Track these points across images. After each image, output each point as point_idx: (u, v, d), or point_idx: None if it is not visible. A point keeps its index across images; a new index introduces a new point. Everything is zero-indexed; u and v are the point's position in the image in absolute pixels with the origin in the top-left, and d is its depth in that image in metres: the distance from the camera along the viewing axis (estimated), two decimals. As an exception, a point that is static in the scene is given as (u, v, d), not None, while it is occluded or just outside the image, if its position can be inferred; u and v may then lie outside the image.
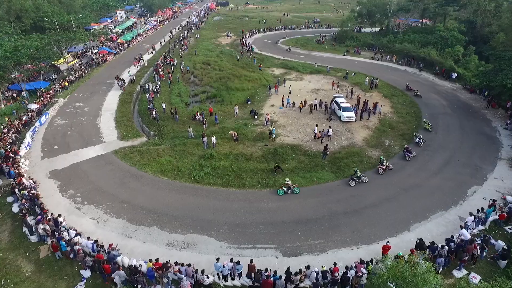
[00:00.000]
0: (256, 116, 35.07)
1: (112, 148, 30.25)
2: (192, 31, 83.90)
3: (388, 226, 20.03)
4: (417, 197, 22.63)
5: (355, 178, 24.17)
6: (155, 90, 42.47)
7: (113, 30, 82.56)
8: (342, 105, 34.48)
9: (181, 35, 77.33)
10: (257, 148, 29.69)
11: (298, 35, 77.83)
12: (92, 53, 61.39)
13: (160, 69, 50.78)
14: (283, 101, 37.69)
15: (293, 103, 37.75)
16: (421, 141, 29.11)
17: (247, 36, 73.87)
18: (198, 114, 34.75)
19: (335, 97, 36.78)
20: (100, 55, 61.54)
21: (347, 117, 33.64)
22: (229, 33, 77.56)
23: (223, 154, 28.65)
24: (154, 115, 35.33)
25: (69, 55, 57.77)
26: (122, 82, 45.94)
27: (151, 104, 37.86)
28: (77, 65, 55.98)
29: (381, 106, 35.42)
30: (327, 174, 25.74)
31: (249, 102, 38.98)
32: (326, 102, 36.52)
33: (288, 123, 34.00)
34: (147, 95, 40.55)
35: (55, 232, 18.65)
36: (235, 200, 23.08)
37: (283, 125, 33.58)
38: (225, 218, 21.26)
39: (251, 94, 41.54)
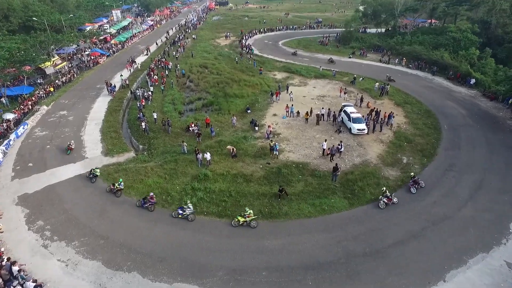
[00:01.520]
0: (256, 128, 31.28)
1: (94, 165, 26.42)
2: (189, 31, 79.88)
3: (419, 274, 16.30)
4: (448, 233, 18.88)
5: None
6: (147, 96, 38.60)
7: (107, 31, 78.62)
8: (352, 115, 30.70)
9: (177, 35, 73.34)
10: (258, 166, 25.93)
11: (300, 35, 73.90)
12: (83, 55, 57.47)
13: (153, 73, 46.90)
14: (286, 110, 33.87)
15: (298, 113, 33.96)
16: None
17: (246, 37, 69.99)
18: (192, 126, 30.94)
19: (344, 106, 33.00)
20: (92, 57, 57.65)
21: (359, 129, 29.86)
22: (228, 33, 73.64)
23: (220, 174, 24.91)
24: (144, 127, 31.50)
25: (58, 57, 53.83)
26: (112, 87, 42.08)
27: (141, 113, 34.02)
28: (66, 68, 52.12)
29: (394, 116, 31.56)
30: (339, 201, 21.98)
31: (249, 111, 35.18)
32: (334, 112, 32.70)
33: (292, 136, 30.22)
34: (137, 103, 36.70)
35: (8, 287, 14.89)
36: (232, 235, 19.33)
37: (287, 139, 29.80)
38: (220, 260, 17.52)
39: (251, 102, 37.72)
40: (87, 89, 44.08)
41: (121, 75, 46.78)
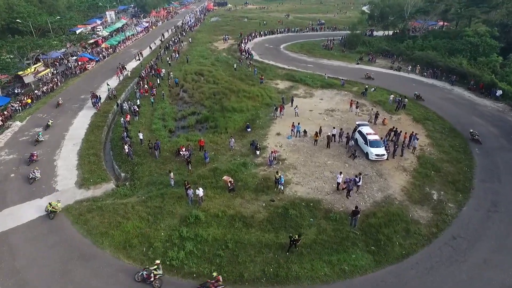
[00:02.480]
0: (258, 152, 26.61)
1: (65, 201, 21.85)
2: (184, 34, 74.95)
3: None
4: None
5: None
6: (133, 110, 33.82)
7: (99, 33, 73.72)
8: (369, 138, 26.05)
9: (173, 38, 68.49)
10: (260, 204, 21.31)
11: (302, 38, 69.10)
12: (69, 60, 52.65)
13: (142, 83, 42.15)
14: (292, 129, 29.21)
15: (305, 132, 29.32)
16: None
17: (246, 40, 65.20)
18: (183, 150, 26.25)
19: (359, 125, 28.33)
20: (79, 63, 52.87)
21: (377, 155, 25.23)
22: (226, 36, 68.82)
23: (214, 215, 20.33)
24: (127, 150, 26.79)
25: (41, 63, 49.04)
26: (97, 99, 37.37)
27: (125, 132, 29.31)
28: (49, 75, 47.36)
29: (417, 138, 26.91)
30: (362, 256, 17.38)
31: (249, 130, 30.49)
32: (348, 134, 28.02)
33: (300, 163, 25.57)
34: (122, 119, 31.98)
35: None
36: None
37: (293, 166, 25.15)
38: None
39: (251, 118, 33.02)
40: (70, 100, 39.36)
41: (108, 85, 42.07)
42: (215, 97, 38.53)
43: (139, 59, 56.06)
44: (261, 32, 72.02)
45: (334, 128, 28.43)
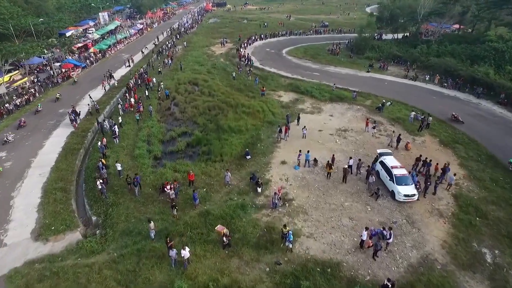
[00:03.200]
0: (259, 188, 21.56)
1: (11, 262, 16.95)
2: (179, 37, 69.63)
3: None
4: None
5: None
6: (114, 132, 28.67)
7: (90, 36, 68.45)
8: (395, 172, 21.01)
9: (167, 42, 63.21)
10: (263, 269, 16.29)
11: (305, 42, 63.89)
12: (51, 67, 47.43)
13: (129, 95, 37.01)
14: (299, 158, 24.10)
15: (315, 161, 24.28)
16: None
17: (245, 44, 59.94)
18: (168, 187, 21.16)
19: (381, 155, 23.23)
20: (63, 70, 47.69)
21: (406, 195, 20.17)
22: (224, 40, 63.54)
23: (203, 285, 15.29)
24: (99, 187, 21.70)
25: (18, 71, 43.83)
26: (75, 115, 32.32)
27: (100, 161, 24.18)
28: (27, 84, 42.19)
29: (454, 174, 21.82)
30: None
31: (248, 157, 25.39)
32: (369, 168, 22.89)
33: (311, 204, 20.53)
34: (99, 143, 26.82)
35: None
36: None
37: (303, 209, 20.10)
38: None
39: (251, 140, 27.91)
40: (46, 115, 34.27)
41: (90, 97, 36.94)
42: (210, 112, 33.44)
43: (129, 66, 50.89)
44: (262, 35, 66.76)
45: (350, 158, 23.31)
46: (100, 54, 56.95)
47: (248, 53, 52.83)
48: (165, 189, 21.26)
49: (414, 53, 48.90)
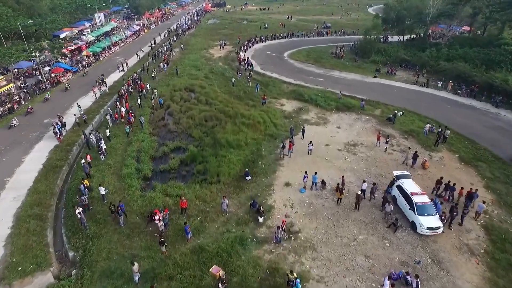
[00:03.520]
0: (260, 218, 18.78)
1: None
2: (176, 39, 66.74)
3: None
4: None
5: None
6: (100, 147, 25.84)
7: (84, 38, 65.59)
8: (416, 200, 18.23)
9: (163, 45, 60.32)
10: (266, 326, 13.54)
11: (307, 44, 60.93)
12: (40, 71, 44.59)
13: (120, 103, 34.19)
14: (305, 180, 21.31)
15: (323, 183, 21.50)
16: None
17: (245, 47, 57.05)
18: (157, 217, 18.35)
19: (398, 178, 20.43)
20: (52, 75, 44.87)
21: (430, 228, 17.37)
22: (223, 42, 60.66)
23: None
24: (79, 217, 18.88)
25: (3, 77, 40.95)
26: (59, 127, 29.54)
27: (82, 183, 21.37)
28: (13, 91, 39.37)
29: (483, 202, 19.02)
30: None
31: (248, 178, 22.60)
32: (385, 195, 20.06)
33: (319, 237, 17.75)
34: (83, 161, 23.98)
35: None
36: None
37: (311, 245, 17.31)
38: None
39: (251, 157, 25.10)
40: (28, 126, 31.49)
41: (79, 106, 34.14)
42: (207, 123, 30.65)
43: (123, 70, 48.07)
44: (262, 37, 63.84)
45: (364, 182, 20.51)
46: (93, 58, 54.14)
47: (248, 57, 49.94)
48: (153, 218, 18.49)
49: (423, 57, 46.05)
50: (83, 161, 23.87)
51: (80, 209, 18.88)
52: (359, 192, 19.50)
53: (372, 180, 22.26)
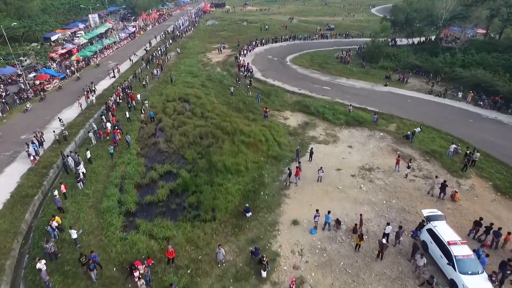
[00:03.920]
0: (264, 272, 15.25)
1: None
2: (172, 42, 62.98)
3: None
4: None
5: None
6: (78, 173, 22.22)
7: (75, 41, 61.89)
8: (455, 252, 14.66)
9: (158, 48, 56.59)
10: None
11: (311, 48, 57.25)
12: (24, 78, 40.91)
13: (106, 117, 30.55)
14: (316, 220, 17.76)
15: (337, 222, 17.96)
16: None
17: (245, 51, 53.37)
18: (137, 274, 14.77)
19: (428, 219, 16.83)
20: (36, 82, 41.20)
21: (476, 291, 13.86)
22: (222, 45, 57.00)
23: None
24: (42, 269, 15.28)
25: (-19, 86, 37.39)
26: (38, 144, 26.02)
27: (50, 225, 17.75)
28: (-9, 102, 35.76)
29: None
30: None
31: (248, 215, 19.02)
32: (416, 242, 16.34)
33: (338, 301, 14.26)
34: (55, 192, 20.35)
35: None
36: None
37: (328, 311, 13.84)
38: None
39: (252, 187, 21.47)
40: (2, 143, 27.87)
41: (60, 120, 30.52)
42: (202, 142, 27.06)
43: (114, 76, 44.42)
44: (263, 40, 60.12)
45: (388, 224, 16.93)
46: (83, 62, 50.47)
47: (248, 63, 46.29)
48: (134, 273, 14.93)
49: (436, 62, 42.43)
50: (55, 192, 20.21)
51: (43, 262, 15.31)
52: (384, 241, 15.90)
53: (394, 216, 18.81)
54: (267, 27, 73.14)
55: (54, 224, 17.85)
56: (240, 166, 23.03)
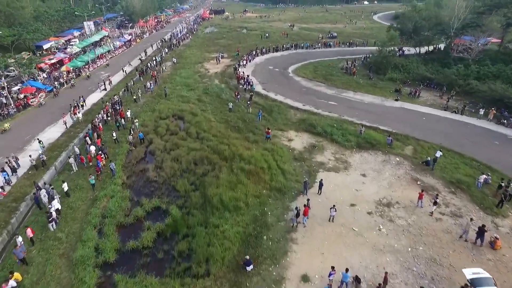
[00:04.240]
0: None
1: None
2: (169, 51, 60.07)
3: None
4: None
5: None
6: (50, 213, 18.90)
7: (67, 50, 58.95)
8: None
9: (154, 58, 53.58)
10: None
11: (313, 57, 54.17)
12: (7, 92, 37.76)
13: (90, 141, 27.28)
14: (331, 277, 14.50)
15: (356, 280, 14.69)
16: None
17: (245, 61, 50.37)
18: None
19: (473, 284, 13.57)
20: (21, 96, 38.06)
21: None
22: (220, 55, 54.07)
23: None
24: None
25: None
26: (9, 173, 22.80)
27: (9, 280, 14.51)
28: (-32, 119, 32.59)
29: None
30: None
31: (249, 268, 15.71)
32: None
33: None
34: (19, 239, 17.03)
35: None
36: None
37: None
38: None
39: (253, 230, 18.15)
40: (-27, 170, 24.58)
41: (40, 142, 27.26)
42: (196, 169, 23.83)
43: (105, 89, 41.34)
44: (263, 49, 57.14)
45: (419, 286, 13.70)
46: (73, 73, 47.38)
47: (248, 75, 43.22)
48: None
49: (449, 74, 39.36)
50: (19, 240, 16.84)
51: None
52: (419, 312, 12.67)
53: (423, 269, 15.62)
54: (267, 35, 70.43)
55: (11, 283, 14.56)
56: (239, 202, 19.79)
